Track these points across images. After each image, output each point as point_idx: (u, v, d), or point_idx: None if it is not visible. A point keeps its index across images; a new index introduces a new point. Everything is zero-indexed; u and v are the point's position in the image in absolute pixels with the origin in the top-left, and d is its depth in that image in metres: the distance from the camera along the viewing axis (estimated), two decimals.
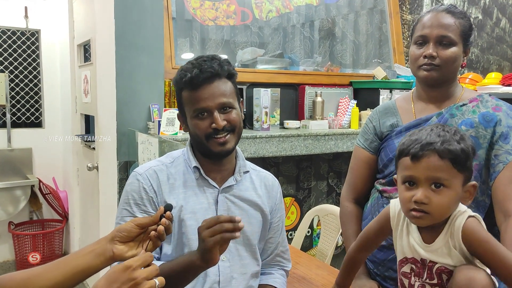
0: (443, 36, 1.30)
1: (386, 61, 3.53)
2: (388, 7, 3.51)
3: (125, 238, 0.97)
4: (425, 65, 1.32)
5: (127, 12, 2.41)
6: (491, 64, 3.02)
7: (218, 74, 1.22)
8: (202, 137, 1.22)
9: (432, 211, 0.95)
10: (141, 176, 1.25)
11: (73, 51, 3.16)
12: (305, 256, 1.85)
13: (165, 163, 1.29)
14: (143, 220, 0.99)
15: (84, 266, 0.94)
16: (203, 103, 1.20)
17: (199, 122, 1.21)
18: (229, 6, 2.94)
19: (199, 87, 1.20)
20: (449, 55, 1.30)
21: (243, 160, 1.36)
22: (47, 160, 3.79)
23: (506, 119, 1.29)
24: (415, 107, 1.42)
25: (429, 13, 1.35)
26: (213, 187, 1.28)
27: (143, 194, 1.23)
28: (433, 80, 1.33)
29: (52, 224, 3.77)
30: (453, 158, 0.93)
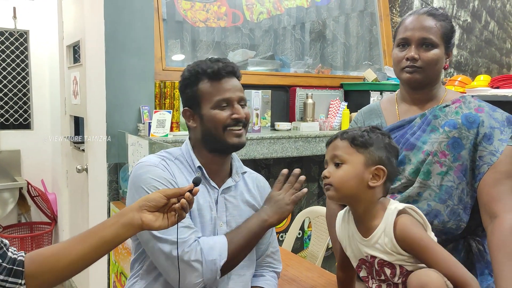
0: (425, 39, 1.31)
1: (377, 63, 3.54)
2: (378, 10, 3.53)
3: (153, 208, 0.99)
4: (407, 68, 1.33)
5: (117, 13, 2.40)
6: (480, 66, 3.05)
7: (236, 72, 1.29)
8: (220, 128, 1.24)
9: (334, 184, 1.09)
10: (158, 166, 1.23)
11: (62, 52, 3.13)
12: (296, 258, 1.84)
13: (168, 158, 1.29)
14: (171, 191, 1.01)
15: (112, 236, 0.96)
16: (227, 93, 1.24)
17: (220, 112, 1.24)
18: (220, 8, 2.94)
19: (223, 78, 1.25)
20: (431, 57, 1.31)
21: (238, 161, 1.37)
22: (35, 162, 3.75)
23: (488, 120, 1.31)
24: (399, 109, 1.44)
25: (410, 16, 1.36)
26: (214, 188, 1.29)
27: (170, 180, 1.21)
28: (416, 82, 1.34)
29: (41, 227, 3.73)
30: (351, 139, 1.09)
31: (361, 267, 1.13)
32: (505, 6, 2.90)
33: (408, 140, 1.35)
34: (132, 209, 0.99)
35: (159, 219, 1.00)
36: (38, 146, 3.76)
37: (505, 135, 1.28)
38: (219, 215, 1.27)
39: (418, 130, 1.35)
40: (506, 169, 1.25)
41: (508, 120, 1.32)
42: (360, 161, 1.07)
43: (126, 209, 1.00)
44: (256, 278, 1.39)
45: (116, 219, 0.98)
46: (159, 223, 1.00)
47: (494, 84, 2.81)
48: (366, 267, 1.11)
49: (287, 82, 3.05)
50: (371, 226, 1.08)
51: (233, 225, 1.28)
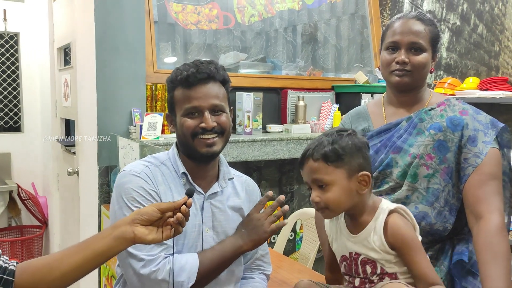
0: (414, 43, 1.33)
1: (368, 66, 3.57)
2: (369, 13, 3.56)
3: (146, 222, 0.99)
4: (397, 71, 1.35)
5: (108, 15, 2.39)
6: (469, 69, 3.08)
7: (214, 77, 1.24)
8: (188, 136, 1.22)
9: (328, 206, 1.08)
10: (140, 174, 1.22)
11: (53, 54, 3.12)
12: (287, 260, 1.85)
13: (154, 163, 1.27)
14: (165, 205, 1.01)
15: (104, 249, 0.96)
16: (196, 102, 1.21)
17: (188, 120, 1.22)
18: (211, 11, 2.94)
19: (194, 86, 1.22)
20: (420, 61, 1.33)
21: (226, 166, 1.36)
22: (26, 165, 3.73)
23: (472, 122, 1.32)
24: (385, 112, 1.45)
25: (399, 20, 1.38)
26: (199, 193, 1.27)
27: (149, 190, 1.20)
28: (405, 85, 1.36)
29: (31, 230, 3.70)
30: (324, 158, 1.07)
31: (342, 264, 1.16)
32: (493, 9, 2.93)
33: (395, 143, 1.36)
34: (125, 222, 0.98)
35: (153, 233, 0.99)
36: (29, 149, 3.74)
37: (489, 137, 1.30)
38: (205, 220, 1.26)
39: (404, 133, 1.37)
40: (490, 170, 1.27)
41: (492, 122, 1.34)
42: (342, 176, 1.07)
43: (119, 222, 1.00)
44: (245, 280, 1.39)
45: (109, 232, 0.98)
46: (152, 237, 0.99)
47: (483, 86, 2.84)
48: (347, 264, 1.14)
49: (279, 84, 3.06)
50: (361, 223, 1.10)
51: (219, 231, 1.27)
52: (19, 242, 3.45)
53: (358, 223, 1.11)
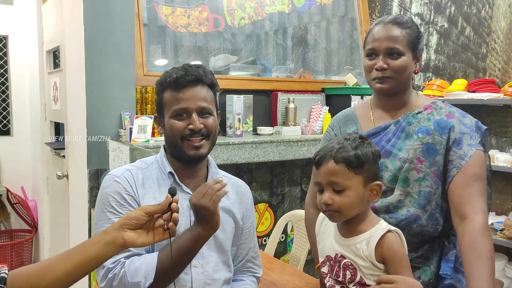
0: (391, 48, 1.35)
1: (358, 68, 3.59)
2: (358, 15, 3.58)
3: (134, 226, 1.00)
4: (377, 78, 1.36)
5: (97, 18, 2.39)
6: (457, 71, 3.12)
7: (202, 80, 1.26)
8: (178, 138, 1.24)
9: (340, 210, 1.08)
10: (119, 178, 1.25)
11: (42, 57, 3.10)
12: (278, 262, 1.86)
13: (139, 167, 1.30)
14: (152, 208, 1.02)
15: (95, 254, 0.97)
16: (184, 103, 1.24)
17: (177, 122, 1.24)
18: (201, 13, 2.95)
19: (183, 88, 1.24)
20: (399, 65, 1.34)
21: (215, 167, 1.38)
22: (15, 168, 3.70)
23: (459, 125, 1.34)
24: (373, 115, 1.46)
25: (377, 26, 1.39)
26: (187, 193, 1.28)
27: (124, 195, 1.23)
28: (386, 90, 1.38)
29: (21, 235, 3.67)
30: (347, 162, 1.06)
31: (326, 263, 1.17)
32: (480, 12, 2.97)
33: (384, 147, 1.37)
34: (114, 228, 1.00)
35: (142, 236, 1.00)
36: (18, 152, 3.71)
37: (474, 140, 1.32)
38: (192, 219, 1.26)
39: (393, 137, 1.38)
40: (474, 172, 1.29)
41: (477, 126, 1.36)
42: (359, 183, 1.08)
43: (110, 228, 1.01)
44: (236, 282, 1.40)
45: (100, 238, 0.99)
46: (142, 240, 1.00)
47: (471, 88, 2.88)
48: (330, 264, 1.15)
49: (269, 86, 3.06)
50: (356, 230, 1.11)
51: None
52: (8, 247, 3.42)
53: (352, 228, 1.12)
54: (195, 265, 1.26)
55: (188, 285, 1.25)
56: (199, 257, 1.27)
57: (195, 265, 1.26)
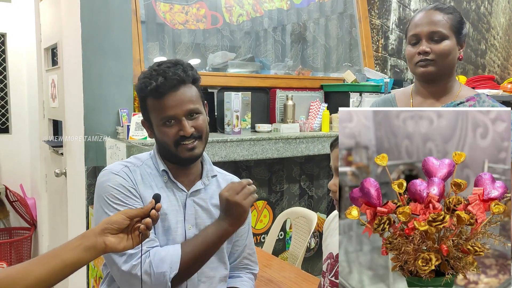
0: (434, 32, 1.35)
1: (356, 65, 3.58)
2: (357, 12, 3.57)
3: (116, 230, 0.97)
4: (421, 62, 1.36)
5: (94, 15, 2.38)
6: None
7: (183, 80, 1.21)
8: (171, 144, 1.22)
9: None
10: (118, 173, 1.22)
11: (40, 55, 3.09)
12: (276, 260, 1.85)
13: (135, 164, 1.28)
14: (134, 212, 0.99)
15: (73, 260, 0.93)
16: (171, 111, 1.19)
17: (167, 130, 1.21)
18: (199, 10, 2.93)
19: (165, 95, 1.19)
20: (442, 49, 1.34)
21: (210, 164, 1.36)
22: (14, 166, 3.69)
23: None
24: (413, 101, 1.45)
25: (419, 13, 1.40)
26: (182, 191, 1.27)
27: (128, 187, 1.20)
28: (430, 75, 1.37)
29: (20, 232, 3.67)
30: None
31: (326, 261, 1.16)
32: (480, 8, 2.96)
33: None
34: (95, 233, 0.96)
35: (123, 241, 0.98)
36: (17, 150, 3.70)
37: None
38: (187, 218, 1.26)
39: None
40: None
41: None
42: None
43: (89, 232, 0.98)
44: (232, 279, 1.39)
45: (79, 242, 0.95)
46: (124, 245, 0.98)
47: (470, 84, 2.87)
48: (330, 263, 1.14)
49: (268, 84, 3.06)
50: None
51: (201, 228, 1.27)
52: (7, 244, 3.42)
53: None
54: None
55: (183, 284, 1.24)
56: None
57: None
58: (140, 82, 1.23)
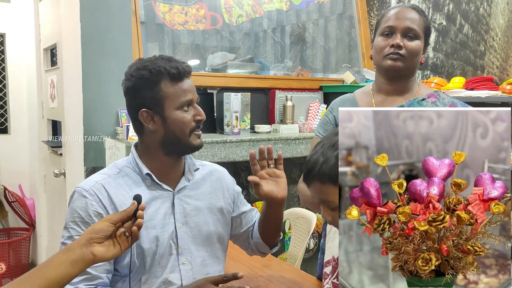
0: (410, 29, 1.36)
1: (355, 66, 3.58)
2: (356, 13, 3.58)
3: (102, 239, 0.94)
4: (391, 54, 1.36)
5: (94, 16, 2.38)
6: (455, 68, 3.11)
7: (190, 72, 1.26)
8: (187, 131, 1.21)
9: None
10: (87, 192, 1.19)
11: (39, 55, 3.09)
12: (275, 260, 1.85)
13: (111, 175, 1.25)
14: (117, 217, 0.96)
15: (60, 276, 0.89)
16: (190, 94, 1.22)
17: (185, 116, 1.21)
18: (198, 11, 2.94)
19: (184, 79, 1.22)
20: (414, 47, 1.36)
21: (190, 158, 1.34)
22: (13, 167, 3.69)
23: None
24: (375, 99, 1.46)
25: (395, 8, 1.41)
26: (167, 191, 1.26)
27: (90, 212, 1.17)
28: (397, 69, 1.37)
29: (19, 233, 3.66)
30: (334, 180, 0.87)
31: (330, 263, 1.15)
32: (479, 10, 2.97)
33: None
34: (81, 245, 0.92)
35: (110, 248, 0.95)
36: (16, 150, 3.70)
37: None
38: (177, 217, 1.26)
39: None
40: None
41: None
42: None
43: (74, 245, 0.93)
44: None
45: (64, 257, 0.91)
46: (112, 253, 0.95)
47: (469, 86, 2.87)
48: (333, 266, 1.13)
49: (267, 84, 3.06)
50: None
51: (192, 226, 1.28)
52: (6, 245, 3.41)
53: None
54: (183, 262, 1.26)
55: (178, 283, 1.24)
56: (186, 254, 1.26)
57: (183, 262, 1.26)
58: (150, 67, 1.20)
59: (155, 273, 1.23)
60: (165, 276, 1.24)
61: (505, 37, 2.83)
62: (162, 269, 1.24)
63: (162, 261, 1.24)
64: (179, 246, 1.25)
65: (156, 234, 1.22)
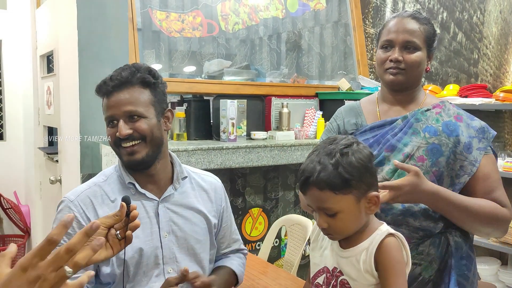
0: (408, 41, 1.34)
1: (351, 73, 3.61)
2: (352, 21, 3.61)
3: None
4: (391, 69, 1.36)
5: (91, 23, 2.39)
6: (449, 76, 3.14)
7: (128, 82, 1.20)
8: (113, 145, 1.23)
9: (335, 233, 1.02)
10: (72, 203, 1.20)
11: (36, 62, 3.09)
12: (271, 267, 1.86)
13: (97, 183, 1.25)
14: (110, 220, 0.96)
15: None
16: (111, 111, 1.20)
17: (109, 130, 1.22)
18: (195, 18, 2.95)
19: (110, 95, 1.21)
20: (414, 59, 1.34)
21: (179, 166, 1.33)
22: (8, 173, 3.68)
23: (467, 129, 1.35)
24: (379, 109, 1.46)
25: (394, 19, 1.40)
26: (152, 200, 1.25)
27: (74, 224, 1.17)
28: (399, 83, 1.37)
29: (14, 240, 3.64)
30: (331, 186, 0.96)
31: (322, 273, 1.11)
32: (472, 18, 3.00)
33: (388, 141, 1.36)
34: None
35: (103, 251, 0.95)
36: (11, 157, 3.69)
37: (483, 144, 1.33)
38: (162, 226, 1.25)
39: (399, 132, 1.36)
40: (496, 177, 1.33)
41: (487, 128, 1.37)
42: (351, 202, 0.98)
43: None
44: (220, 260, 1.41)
45: None
46: (104, 255, 0.95)
47: (463, 93, 2.90)
48: (327, 277, 1.09)
49: (263, 91, 3.07)
50: (354, 240, 1.04)
51: (178, 234, 1.27)
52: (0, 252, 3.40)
53: (350, 238, 1.04)
54: (168, 271, 1.25)
55: None
56: (172, 263, 1.25)
57: (169, 271, 1.25)
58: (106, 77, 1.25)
59: (140, 282, 1.23)
60: (150, 285, 1.23)
61: (498, 45, 2.87)
62: (148, 279, 1.23)
63: (147, 271, 1.23)
64: (164, 255, 1.24)
65: (139, 245, 1.21)
